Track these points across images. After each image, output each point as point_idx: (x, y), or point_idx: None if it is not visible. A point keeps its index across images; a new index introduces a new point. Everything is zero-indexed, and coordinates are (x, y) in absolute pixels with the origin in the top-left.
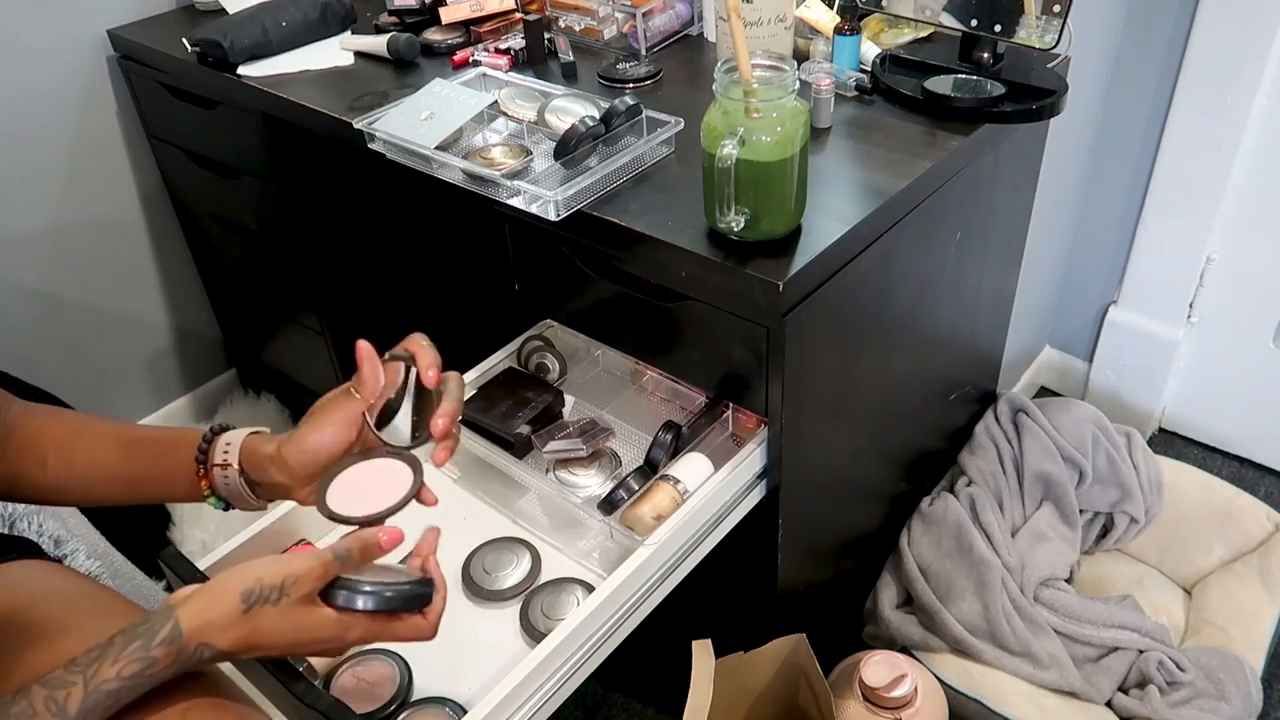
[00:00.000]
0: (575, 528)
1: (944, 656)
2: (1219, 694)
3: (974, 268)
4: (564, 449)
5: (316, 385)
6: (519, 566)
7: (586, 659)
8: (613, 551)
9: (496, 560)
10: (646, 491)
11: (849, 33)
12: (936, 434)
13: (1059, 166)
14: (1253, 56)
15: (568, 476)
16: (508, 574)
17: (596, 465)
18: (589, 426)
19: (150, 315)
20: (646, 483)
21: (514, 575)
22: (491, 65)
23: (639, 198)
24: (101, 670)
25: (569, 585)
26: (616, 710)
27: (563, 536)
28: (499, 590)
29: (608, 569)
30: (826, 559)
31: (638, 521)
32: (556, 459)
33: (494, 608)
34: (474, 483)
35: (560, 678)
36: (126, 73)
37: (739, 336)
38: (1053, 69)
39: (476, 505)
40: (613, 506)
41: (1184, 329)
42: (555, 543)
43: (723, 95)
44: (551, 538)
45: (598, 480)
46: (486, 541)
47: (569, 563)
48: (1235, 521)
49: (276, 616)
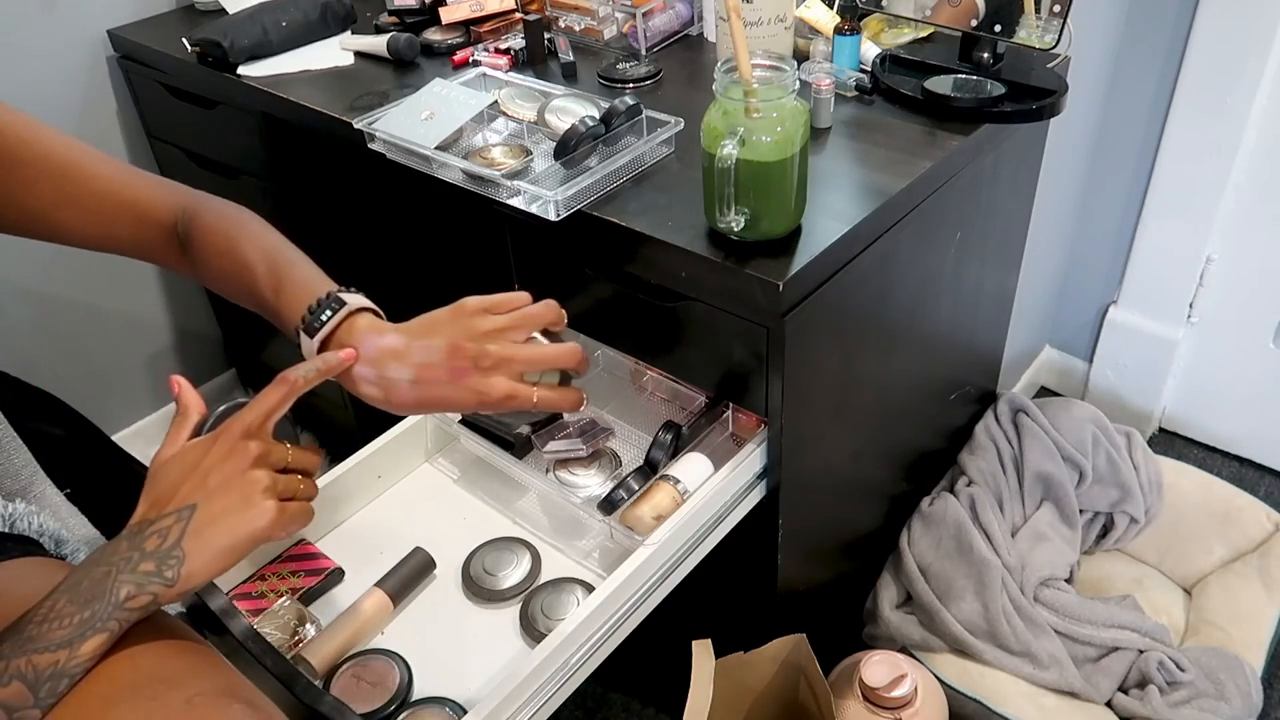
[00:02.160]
0: (575, 528)
1: (944, 656)
2: (1219, 694)
3: (974, 268)
4: (564, 449)
5: (316, 385)
6: (519, 566)
7: (587, 659)
8: (613, 552)
9: (497, 560)
10: (646, 491)
11: (849, 33)
12: (936, 434)
13: (1059, 166)
14: (1253, 56)
15: (568, 476)
16: (508, 574)
17: (596, 465)
18: (589, 426)
19: (150, 315)
20: (646, 483)
21: (514, 575)
22: (491, 65)
23: (639, 198)
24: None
25: (569, 585)
26: (616, 710)
27: (563, 536)
28: (499, 590)
29: (608, 569)
30: (826, 559)
31: (638, 521)
32: (556, 459)
33: (494, 608)
34: (474, 483)
35: (561, 677)
36: (126, 73)
37: (739, 336)
38: (1053, 69)
39: (476, 505)
40: (613, 506)
41: (1184, 329)
42: (555, 543)
43: (723, 95)
44: (551, 538)
45: (598, 480)
46: (486, 541)
47: (569, 563)
48: (1235, 521)
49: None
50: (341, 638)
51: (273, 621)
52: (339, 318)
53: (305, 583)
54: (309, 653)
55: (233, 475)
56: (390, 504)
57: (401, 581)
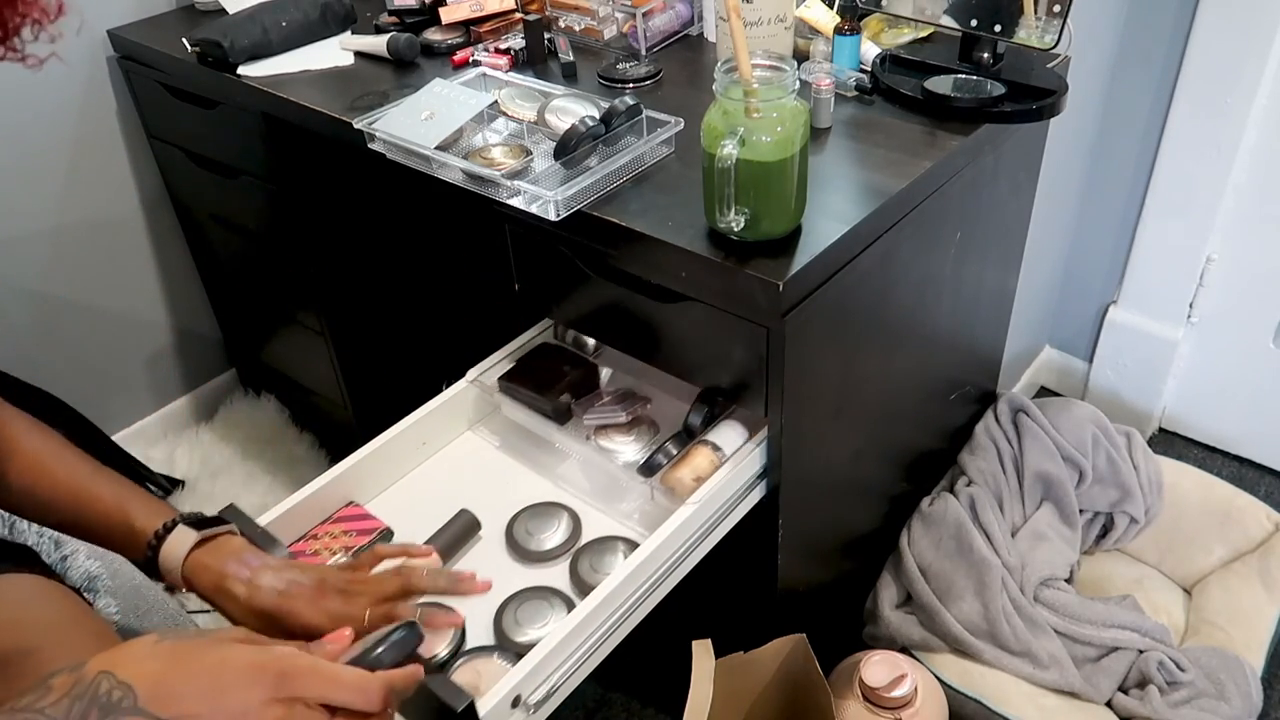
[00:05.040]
0: (615, 491)
1: (944, 656)
2: (1219, 694)
3: (974, 267)
4: (604, 417)
5: (316, 385)
6: (560, 529)
7: (632, 611)
8: (651, 514)
9: (539, 523)
10: (685, 455)
11: (849, 33)
12: (936, 434)
13: (1059, 166)
14: (1253, 56)
15: (606, 444)
16: (549, 536)
17: (634, 432)
18: (626, 395)
19: (150, 315)
20: (684, 447)
21: (555, 537)
22: (491, 65)
23: (639, 198)
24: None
25: (613, 543)
26: (616, 710)
27: (604, 500)
28: (544, 551)
29: (649, 528)
30: (826, 559)
31: (678, 483)
32: (596, 425)
33: (540, 568)
34: (514, 450)
35: (611, 625)
36: (126, 73)
37: (739, 336)
38: (1053, 69)
39: (518, 471)
40: (652, 470)
41: (1184, 329)
42: (597, 505)
43: (723, 95)
44: (593, 500)
45: (636, 447)
46: (526, 507)
47: (611, 523)
48: (1235, 521)
49: (198, 649)
50: None
51: None
52: (226, 528)
53: (356, 541)
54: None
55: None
56: (434, 470)
57: (450, 540)
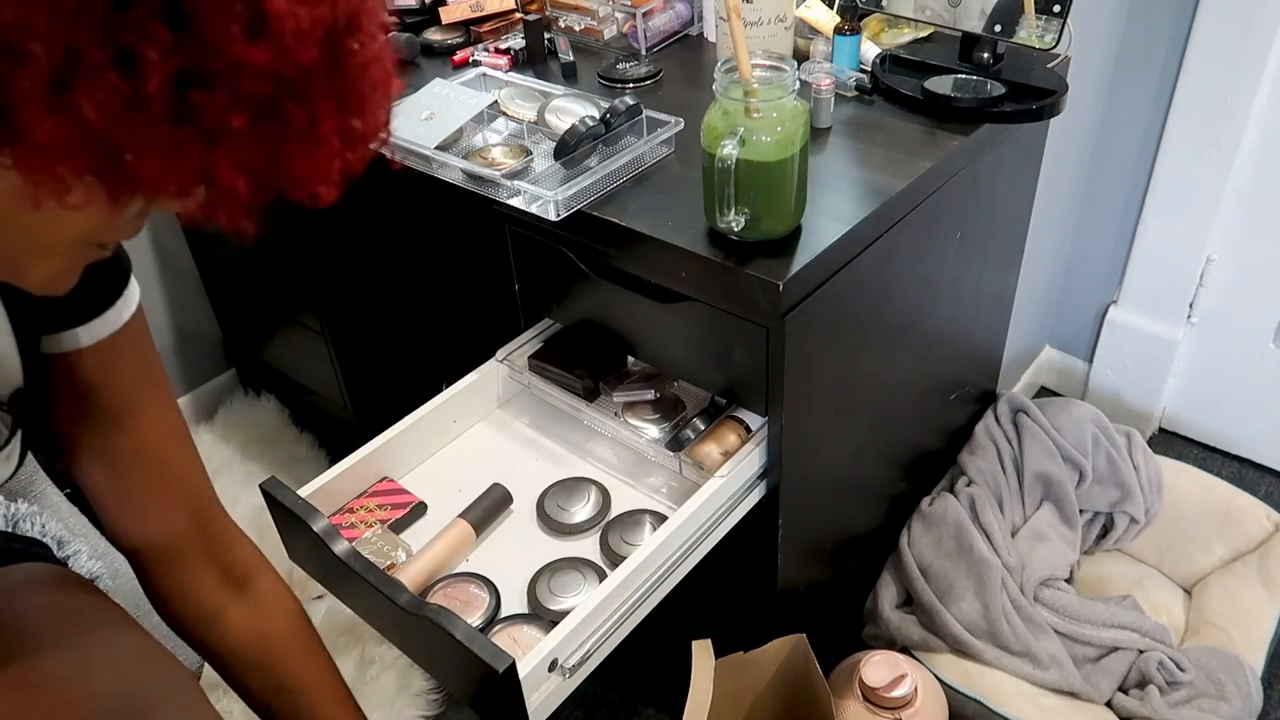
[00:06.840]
0: (643, 466)
1: (944, 656)
2: (1219, 694)
3: (974, 268)
4: (632, 394)
5: (316, 385)
6: (589, 503)
7: (661, 582)
8: (678, 489)
9: (569, 497)
10: (713, 430)
11: (849, 33)
12: (936, 434)
13: (1059, 166)
14: (1253, 57)
15: (634, 421)
16: (579, 510)
17: (662, 410)
18: (653, 374)
19: (150, 315)
20: (711, 423)
21: (585, 511)
22: (491, 65)
23: (639, 198)
24: None
25: (642, 516)
26: (617, 710)
27: (632, 475)
28: (574, 524)
29: (677, 502)
30: (826, 559)
31: (706, 457)
32: (624, 403)
33: (571, 540)
34: (543, 427)
35: (641, 595)
36: None
37: (739, 336)
38: (1053, 69)
39: (546, 447)
40: (680, 445)
41: (1184, 329)
42: (626, 480)
43: (723, 95)
44: (621, 476)
45: (664, 424)
46: (557, 481)
47: (640, 497)
48: (1235, 521)
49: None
50: (431, 562)
51: (367, 547)
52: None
53: (391, 515)
54: (401, 575)
55: None
56: (465, 447)
57: (483, 512)
